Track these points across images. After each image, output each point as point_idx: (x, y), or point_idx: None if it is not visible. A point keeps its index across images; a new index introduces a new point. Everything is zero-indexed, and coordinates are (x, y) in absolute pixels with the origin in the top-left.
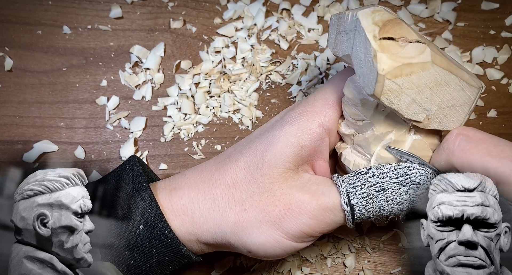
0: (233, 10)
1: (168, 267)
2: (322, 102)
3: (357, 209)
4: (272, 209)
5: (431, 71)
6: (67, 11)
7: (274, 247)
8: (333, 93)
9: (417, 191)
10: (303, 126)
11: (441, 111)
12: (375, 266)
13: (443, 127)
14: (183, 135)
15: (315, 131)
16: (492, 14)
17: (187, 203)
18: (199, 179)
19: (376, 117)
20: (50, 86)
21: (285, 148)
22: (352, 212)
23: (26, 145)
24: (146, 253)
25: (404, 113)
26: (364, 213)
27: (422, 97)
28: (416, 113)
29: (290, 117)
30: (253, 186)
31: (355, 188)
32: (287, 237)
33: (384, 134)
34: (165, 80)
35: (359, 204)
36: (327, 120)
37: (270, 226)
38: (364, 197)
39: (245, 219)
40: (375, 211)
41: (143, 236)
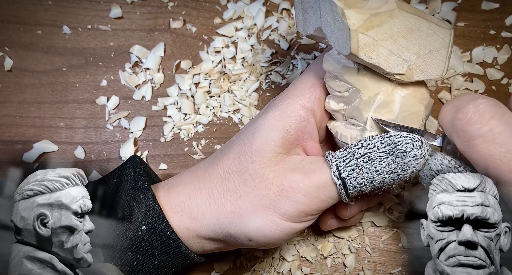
0: (233, 10)
1: (171, 269)
2: (302, 85)
3: (348, 181)
4: (266, 192)
5: (400, 18)
6: (67, 11)
7: (274, 230)
8: (311, 76)
9: (404, 159)
10: (286, 110)
11: (420, 60)
12: (375, 266)
13: (427, 76)
14: (183, 135)
15: (298, 113)
16: (492, 14)
17: (184, 200)
18: (194, 176)
19: (361, 82)
20: (50, 86)
21: (271, 132)
22: (344, 185)
23: (26, 145)
24: (149, 254)
25: (385, 68)
26: (356, 185)
27: (398, 47)
28: (397, 66)
29: (273, 104)
30: (245, 174)
31: (344, 161)
32: (284, 218)
33: (372, 97)
34: (165, 80)
35: (349, 176)
36: (308, 101)
37: (266, 209)
38: (353, 168)
39: (241, 207)
40: (367, 182)
41: (145, 237)
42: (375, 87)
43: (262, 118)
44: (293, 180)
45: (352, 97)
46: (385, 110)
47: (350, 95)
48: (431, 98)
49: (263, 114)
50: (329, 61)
